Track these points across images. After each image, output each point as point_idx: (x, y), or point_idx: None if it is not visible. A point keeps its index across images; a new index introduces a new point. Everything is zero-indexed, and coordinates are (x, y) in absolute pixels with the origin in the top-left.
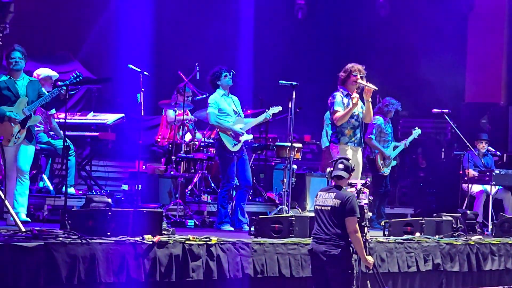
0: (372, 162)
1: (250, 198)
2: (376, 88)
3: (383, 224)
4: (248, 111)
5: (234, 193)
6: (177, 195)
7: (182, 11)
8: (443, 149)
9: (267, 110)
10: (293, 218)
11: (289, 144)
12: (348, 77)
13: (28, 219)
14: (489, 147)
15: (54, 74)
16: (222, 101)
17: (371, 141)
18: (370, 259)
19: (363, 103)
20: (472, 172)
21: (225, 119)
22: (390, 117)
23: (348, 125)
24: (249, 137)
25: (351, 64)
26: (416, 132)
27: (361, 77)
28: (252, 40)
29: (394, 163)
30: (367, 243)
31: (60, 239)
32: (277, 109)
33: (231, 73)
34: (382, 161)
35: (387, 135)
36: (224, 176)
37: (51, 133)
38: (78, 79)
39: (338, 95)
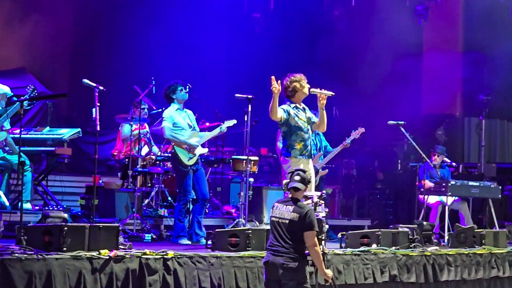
0: None
1: (207, 211)
2: (333, 94)
3: (340, 236)
4: (207, 124)
5: (191, 206)
6: (134, 209)
7: (137, 25)
8: (399, 161)
9: (221, 123)
10: (250, 231)
11: (246, 157)
12: (295, 90)
13: None
14: (445, 158)
15: (7, 89)
16: (177, 115)
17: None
18: (329, 272)
19: (315, 114)
20: (428, 183)
21: (180, 133)
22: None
23: (297, 138)
24: (204, 150)
25: (292, 76)
26: (358, 131)
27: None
28: (208, 54)
29: (324, 172)
30: (325, 256)
31: (16, 255)
32: (231, 122)
33: (187, 87)
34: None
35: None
36: (180, 190)
37: (7, 148)
38: (33, 94)
39: (284, 106)
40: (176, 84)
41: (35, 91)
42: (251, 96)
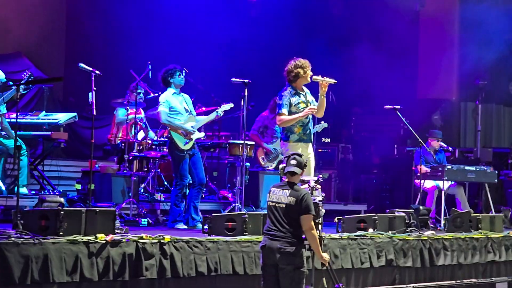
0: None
1: (203, 196)
2: (335, 81)
3: (336, 221)
4: (203, 108)
5: (187, 191)
6: (130, 194)
7: (133, 9)
8: (396, 146)
9: (218, 107)
10: (246, 215)
11: (242, 141)
12: (298, 75)
13: None
14: (442, 143)
15: (1, 75)
16: (173, 100)
17: (254, 136)
18: (325, 256)
19: (316, 99)
20: (423, 168)
21: (176, 118)
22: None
23: (297, 122)
24: (201, 135)
25: (298, 60)
26: (320, 126)
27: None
28: (204, 38)
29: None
30: (322, 240)
31: (13, 239)
32: (228, 106)
33: (184, 72)
34: (263, 156)
35: (275, 131)
36: (176, 175)
37: (3, 132)
38: (30, 79)
39: (286, 95)
40: (174, 68)
41: (32, 77)
42: (247, 81)
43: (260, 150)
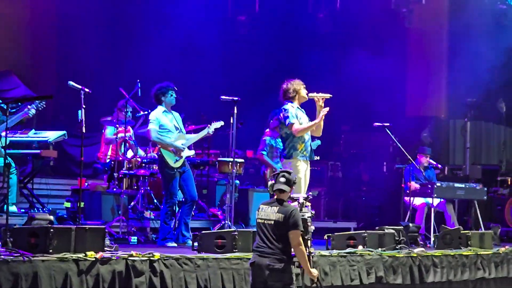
0: (262, 178)
1: (193, 214)
2: (330, 95)
3: (326, 238)
4: (192, 126)
5: (177, 209)
6: (120, 212)
7: (123, 27)
8: (385, 163)
9: (209, 125)
10: (236, 233)
11: (231, 159)
12: (296, 92)
13: None
14: (431, 160)
15: None
16: (163, 118)
17: (263, 157)
18: (314, 271)
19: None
20: (414, 185)
21: (166, 135)
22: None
23: (300, 139)
24: (191, 152)
25: (292, 80)
26: (315, 143)
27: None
28: (193, 56)
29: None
30: (311, 256)
31: (2, 257)
32: (219, 124)
33: (175, 91)
34: (271, 176)
35: (280, 150)
36: (166, 193)
37: None
38: (40, 105)
39: (291, 108)
40: (167, 87)
41: (43, 102)
42: (236, 98)
43: (269, 171)
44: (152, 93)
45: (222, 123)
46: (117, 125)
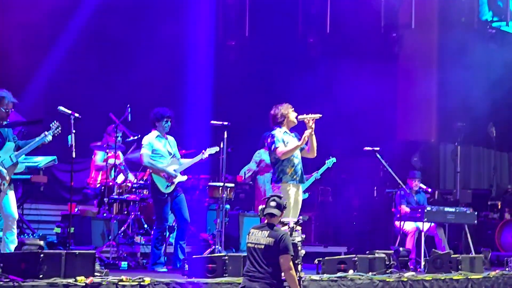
0: None
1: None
2: (320, 115)
3: (316, 262)
4: (183, 151)
5: (168, 234)
6: (110, 237)
7: (111, 51)
8: (375, 187)
9: (203, 151)
10: (226, 257)
11: (222, 184)
12: (284, 116)
13: None
14: (421, 184)
15: None
16: (157, 142)
17: (276, 188)
18: None
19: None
20: (405, 209)
21: (158, 160)
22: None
23: (289, 163)
24: (183, 178)
25: (280, 105)
26: (330, 161)
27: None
28: (182, 82)
29: (305, 196)
30: (301, 281)
31: None
32: (213, 149)
33: (171, 120)
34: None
35: None
36: (157, 218)
37: None
38: (57, 131)
39: (278, 133)
40: (163, 114)
41: (59, 128)
42: (227, 123)
43: None
44: (150, 115)
45: (217, 148)
46: (107, 150)
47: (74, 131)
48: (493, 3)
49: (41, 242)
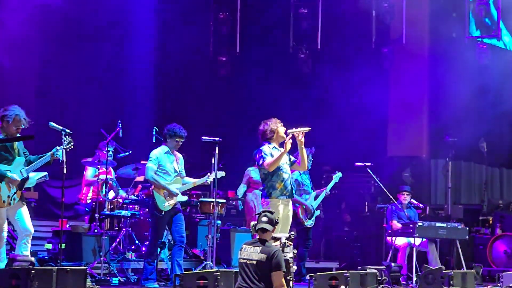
0: (294, 216)
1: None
2: (309, 128)
3: (308, 278)
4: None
5: (159, 250)
6: (101, 253)
7: (104, 65)
8: (366, 203)
9: (209, 174)
10: (218, 273)
11: (213, 199)
12: (273, 132)
13: None
14: (412, 200)
15: None
16: (164, 158)
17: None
18: None
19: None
20: (396, 224)
21: (163, 177)
22: (307, 168)
23: (278, 178)
24: (183, 198)
25: (269, 121)
26: (337, 176)
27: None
28: (174, 97)
29: (317, 213)
30: None
31: None
32: (219, 174)
33: (183, 140)
34: (303, 214)
35: (306, 185)
36: (152, 233)
37: None
38: (69, 146)
39: (266, 149)
40: (176, 133)
41: (71, 143)
42: (218, 139)
43: (300, 209)
44: (163, 131)
45: (223, 174)
46: (98, 166)
47: (64, 147)
48: (480, 22)
49: (32, 259)
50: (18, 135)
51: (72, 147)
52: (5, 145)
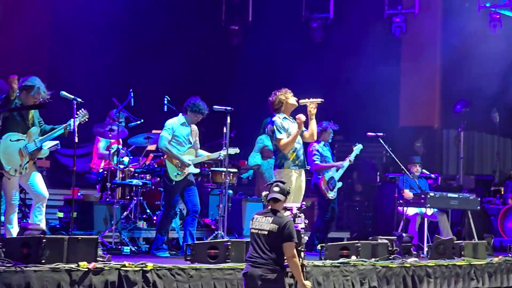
0: (317, 187)
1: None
2: (322, 100)
3: (319, 248)
4: None
5: (173, 221)
6: (112, 222)
7: (117, 37)
8: (378, 173)
9: (224, 148)
10: (229, 243)
11: (225, 169)
12: (282, 102)
13: None
14: (424, 170)
15: None
16: (179, 129)
17: (319, 165)
18: (308, 284)
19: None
20: (408, 193)
21: (176, 147)
22: (327, 141)
23: (290, 148)
24: (196, 170)
25: (278, 91)
26: (357, 148)
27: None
28: (186, 65)
29: (339, 185)
30: (304, 268)
31: None
32: (233, 151)
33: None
34: (325, 186)
35: (327, 157)
36: (165, 203)
37: None
38: (84, 119)
39: (278, 120)
40: (203, 110)
41: (86, 116)
42: (230, 108)
43: (323, 180)
44: (186, 102)
45: (237, 150)
46: (110, 135)
47: (76, 116)
48: None
49: (44, 227)
50: None
51: (87, 119)
52: (21, 114)
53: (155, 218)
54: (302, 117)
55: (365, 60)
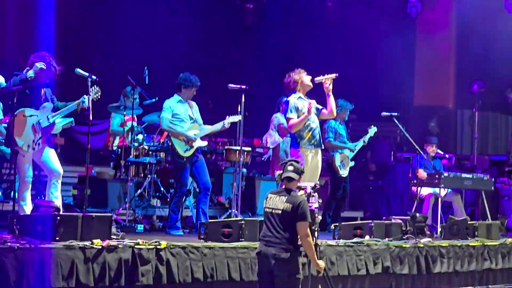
0: (330, 165)
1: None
2: (336, 75)
3: (333, 228)
4: None
5: (186, 198)
6: (126, 200)
7: (130, 13)
8: (392, 153)
9: (228, 117)
10: (243, 221)
11: (239, 147)
12: (297, 82)
13: None
14: (438, 150)
15: (1, 79)
16: (178, 107)
17: (331, 143)
18: (321, 263)
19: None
20: (422, 173)
21: (179, 125)
22: (343, 119)
23: (306, 128)
24: (203, 143)
25: (292, 72)
26: (372, 130)
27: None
28: (201, 45)
29: (352, 163)
30: (318, 248)
31: (9, 244)
32: (236, 118)
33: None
34: (340, 163)
35: (342, 136)
36: (176, 182)
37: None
38: (96, 96)
39: (291, 101)
40: (192, 83)
41: (99, 93)
42: (244, 87)
43: (336, 156)
44: (178, 79)
45: (239, 117)
46: (124, 113)
47: (91, 93)
48: None
49: (58, 204)
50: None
51: (99, 97)
52: (32, 90)
53: (169, 195)
54: (313, 102)
55: (380, 39)
